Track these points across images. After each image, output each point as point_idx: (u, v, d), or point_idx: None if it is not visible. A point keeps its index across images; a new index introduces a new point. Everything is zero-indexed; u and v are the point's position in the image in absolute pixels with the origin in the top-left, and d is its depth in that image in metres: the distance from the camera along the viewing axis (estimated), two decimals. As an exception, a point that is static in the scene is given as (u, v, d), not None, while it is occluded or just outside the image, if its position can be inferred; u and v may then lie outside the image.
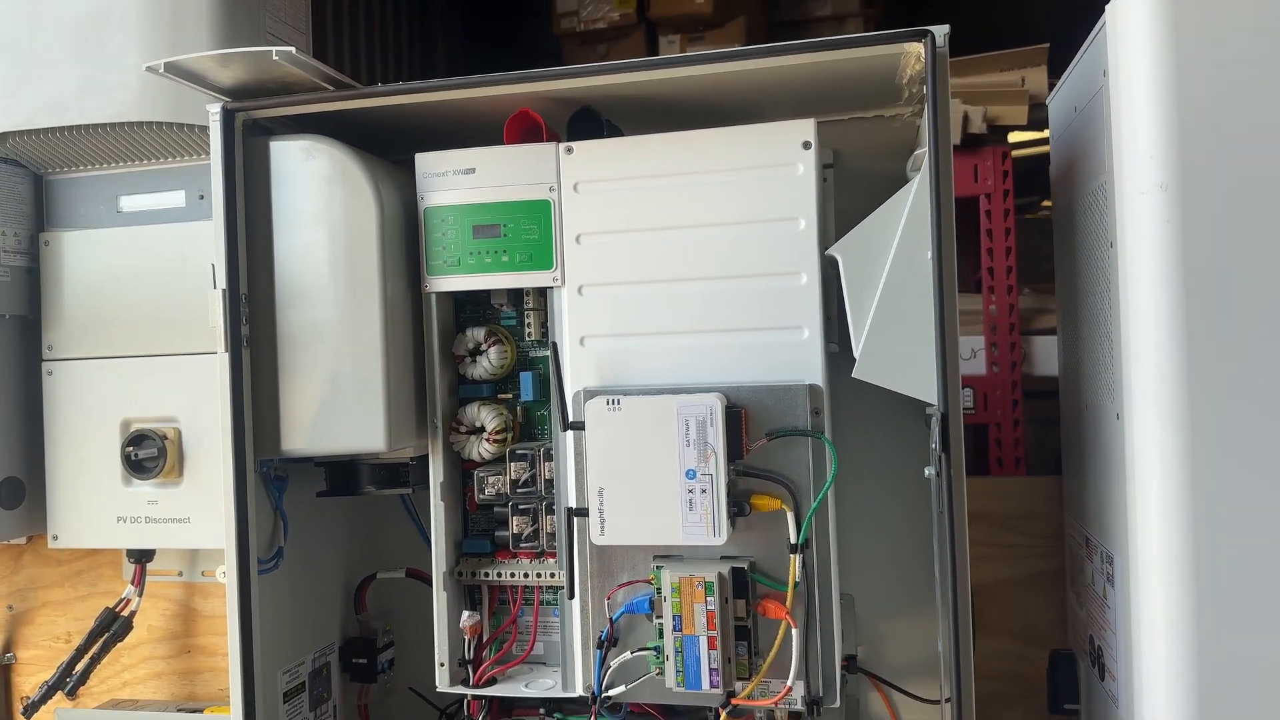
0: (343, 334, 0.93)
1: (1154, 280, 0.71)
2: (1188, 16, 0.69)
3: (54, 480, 1.19)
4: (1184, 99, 0.70)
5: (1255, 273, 0.69)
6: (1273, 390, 0.69)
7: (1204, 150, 0.69)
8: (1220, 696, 0.70)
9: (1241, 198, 0.69)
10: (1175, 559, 0.71)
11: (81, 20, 1.10)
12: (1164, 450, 0.71)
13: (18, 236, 1.19)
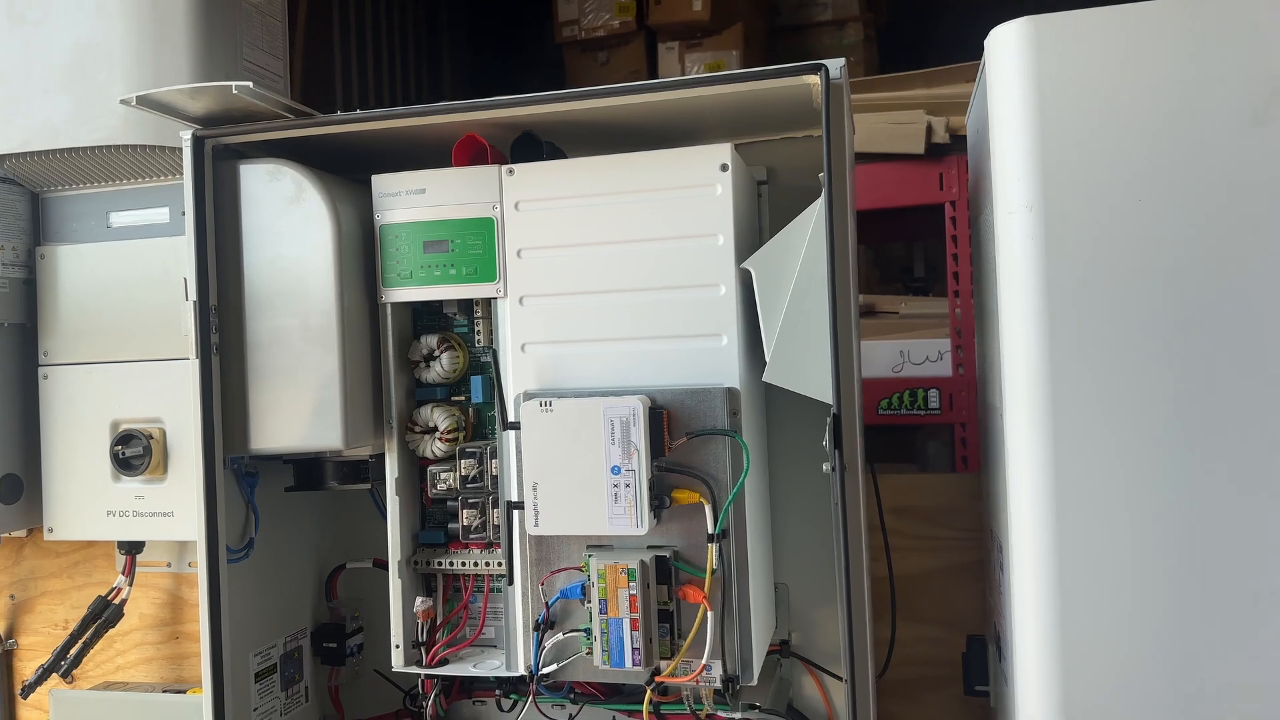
0: (304, 341, 1.02)
1: (1021, 290, 0.79)
2: (1048, 53, 0.77)
3: (49, 477, 1.29)
4: (1045, 128, 0.77)
5: (1109, 284, 0.76)
6: (1126, 388, 0.76)
7: (1063, 175, 0.77)
8: (1081, 673, 0.77)
9: (1096, 218, 0.76)
10: (1037, 545, 0.78)
11: (71, 52, 1.19)
12: (1029, 444, 0.78)
13: (16, 250, 1.28)
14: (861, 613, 0.86)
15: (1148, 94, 0.75)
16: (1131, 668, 0.76)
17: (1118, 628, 0.76)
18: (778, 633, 1.12)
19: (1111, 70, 0.76)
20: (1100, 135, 0.76)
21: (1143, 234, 0.75)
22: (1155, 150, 0.74)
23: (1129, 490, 0.76)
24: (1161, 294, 0.75)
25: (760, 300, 0.94)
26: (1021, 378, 0.79)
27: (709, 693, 0.99)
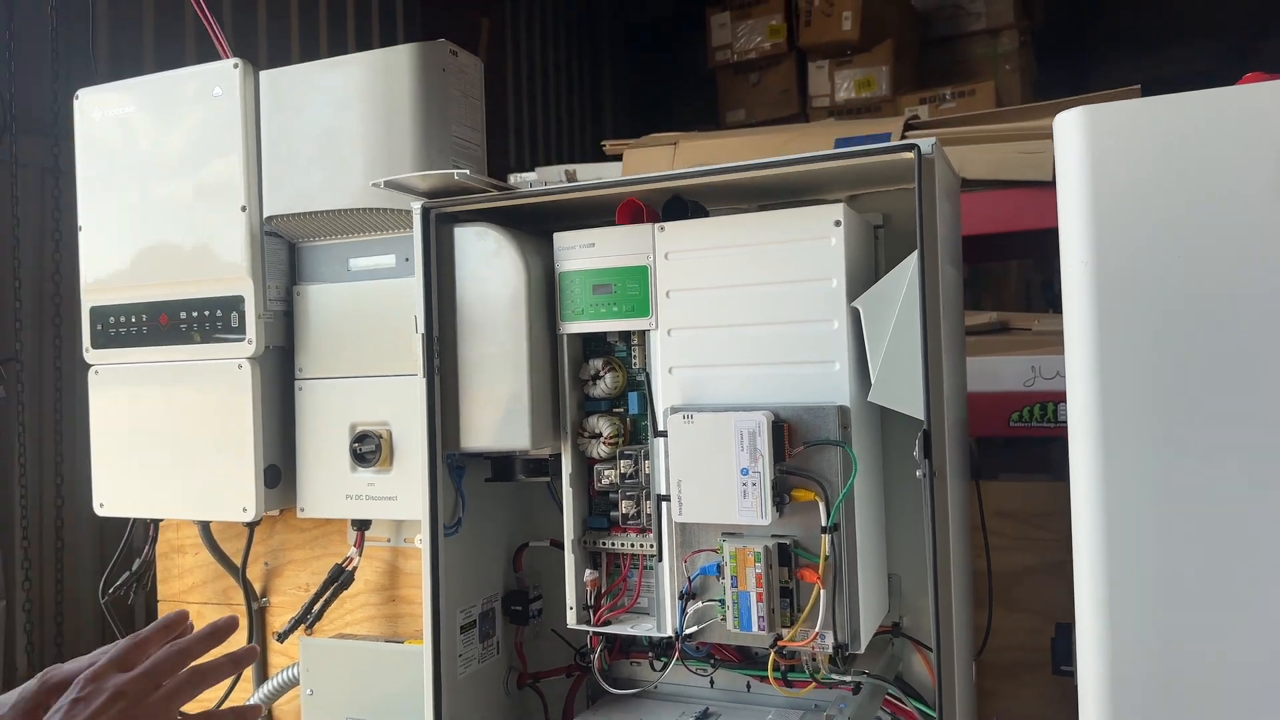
0: (501, 363, 1.29)
1: (1080, 322, 0.95)
2: (1102, 135, 0.93)
3: (302, 467, 1.63)
4: (1099, 201, 0.93)
5: (1151, 325, 0.91)
6: (1165, 409, 0.91)
7: (1113, 237, 0.92)
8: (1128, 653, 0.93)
9: (1141, 272, 0.92)
10: (1092, 543, 0.94)
11: (321, 136, 1.53)
12: (1084, 456, 0.94)
13: (278, 289, 1.64)
14: (948, 596, 1.03)
15: (1185, 170, 0.89)
16: (1171, 648, 0.91)
17: (1158, 613, 0.91)
18: (890, 615, 1.30)
19: (1155, 150, 0.91)
20: (1145, 205, 0.91)
21: (1180, 286, 0.90)
22: (1190, 217, 0.89)
23: (1167, 499, 0.91)
24: (1194, 333, 0.90)
25: (867, 333, 1.13)
26: (1079, 399, 0.95)
27: (824, 658, 1.19)
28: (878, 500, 1.26)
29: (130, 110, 1.64)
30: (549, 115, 5.01)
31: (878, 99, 4.07)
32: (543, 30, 4.98)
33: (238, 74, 1.56)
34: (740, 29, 4.54)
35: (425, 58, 1.49)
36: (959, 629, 1.12)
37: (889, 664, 1.27)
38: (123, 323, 1.66)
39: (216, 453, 1.60)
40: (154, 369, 1.65)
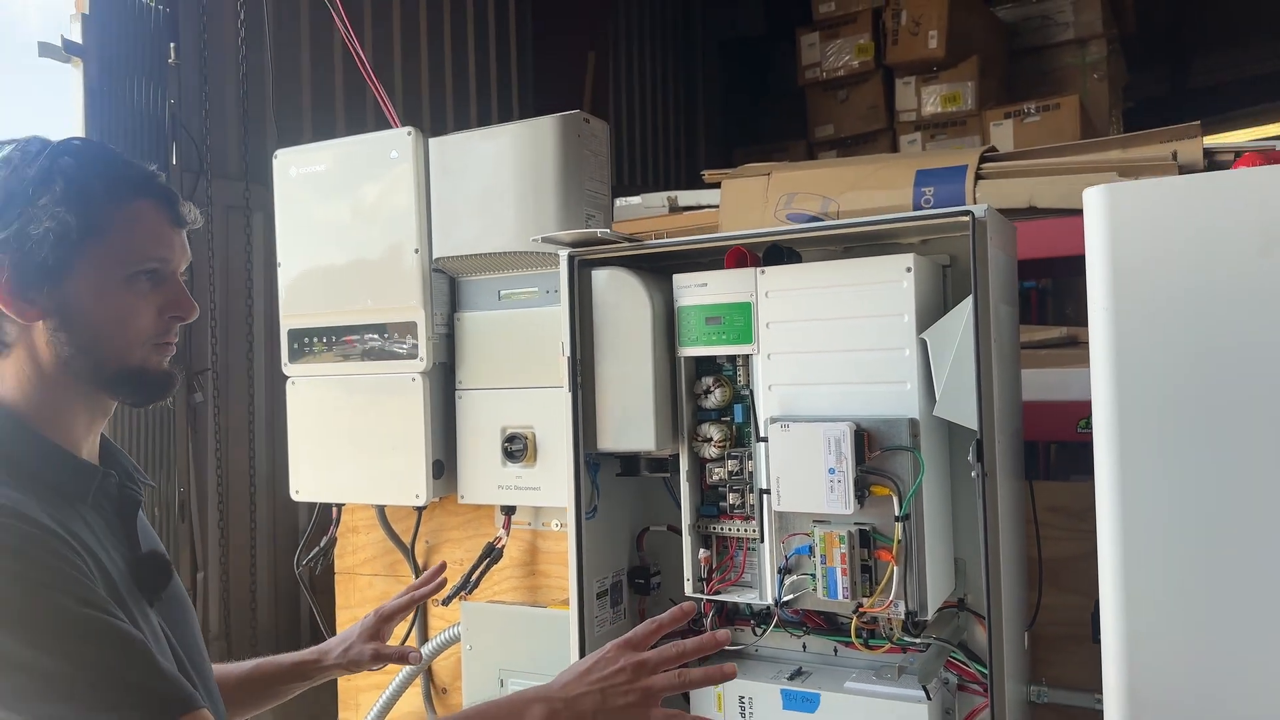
0: (630, 379, 1.59)
1: (1102, 346, 1.19)
2: (1120, 208, 1.17)
3: (461, 462, 1.97)
4: (1116, 260, 1.17)
5: (1159, 353, 1.15)
6: (1173, 425, 1.15)
7: (1128, 286, 1.17)
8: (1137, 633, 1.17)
9: (1151, 314, 1.16)
10: (1111, 534, 1.18)
11: (479, 192, 1.86)
12: (1105, 462, 1.19)
13: (442, 316, 1.98)
14: (997, 576, 1.29)
15: (1187, 234, 1.13)
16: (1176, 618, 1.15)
17: (1167, 599, 1.15)
18: (956, 592, 1.55)
19: (1164, 219, 1.15)
20: (1154, 260, 1.15)
21: (1183, 327, 1.14)
22: (1192, 270, 1.13)
23: (1169, 496, 1.15)
24: (1196, 364, 1.13)
25: (933, 360, 1.39)
26: (1101, 412, 1.20)
27: (898, 623, 1.45)
28: (944, 496, 1.52)
29: (322, 169, 2.01)
30: (647, 134, 5.32)
31: (963, 113, 4.24)
32: (641, 55, 5.29)
33: (411, 140, 1.91)
34: (829, 48, 4.75)
35: (565, 126, 1.80)
36: (1010, 604, 1.37)
37: (954, 632, 1.52)
38: (315, 342, 2.03)
39: (393, 449, 1.96)
40: (341, 380, 2.02)
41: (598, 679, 1.06)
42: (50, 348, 1.00)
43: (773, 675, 1.61)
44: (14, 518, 0.90)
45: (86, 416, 1.06)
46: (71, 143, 1.03)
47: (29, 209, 0.97)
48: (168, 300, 1.06)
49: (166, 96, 2.44)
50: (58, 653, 0.86)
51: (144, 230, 1.03)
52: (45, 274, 0.98)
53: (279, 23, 2.77)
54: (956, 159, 2.37)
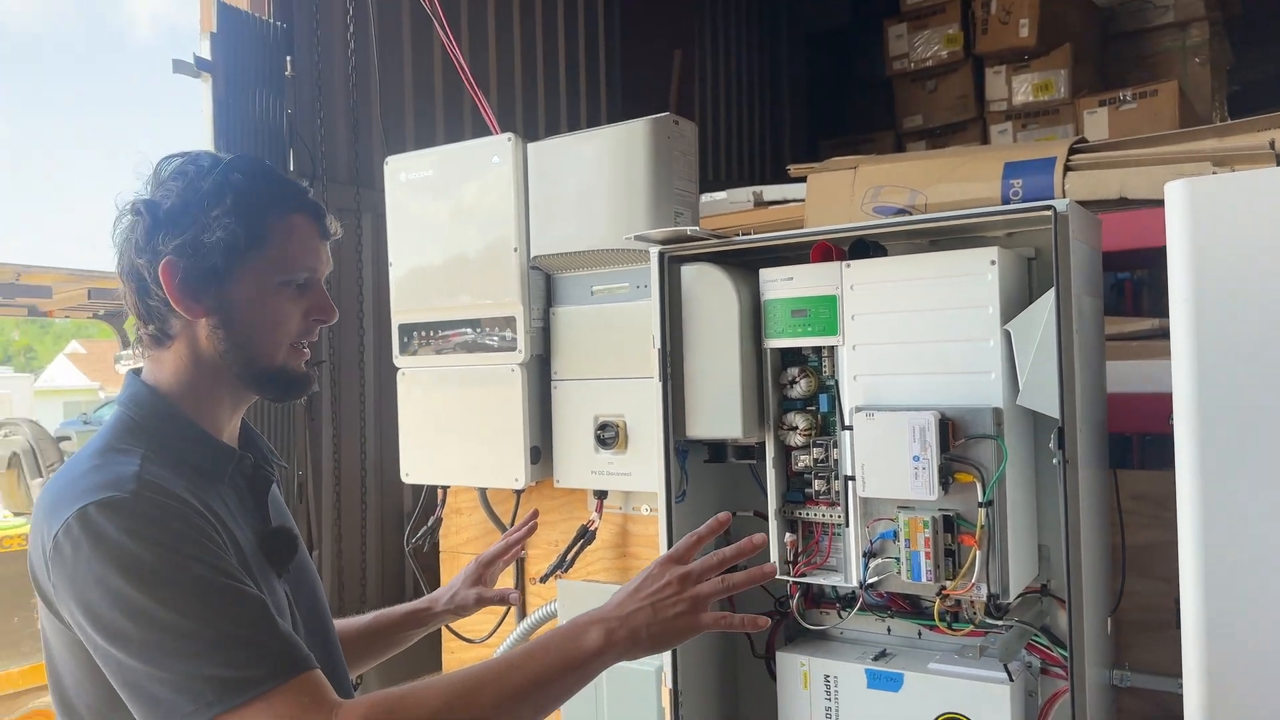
0: (718, 370, 1.66)
1: (1183, 339, 1.21)
2: (1200, 201, 1.19)
3: (557, 448, 2.08)
4: (1197, 254, 1.19)
5: (1237, 343, 1.17)
6: (1254, 416, 1.17)
7: (1208, 276, 1.19)
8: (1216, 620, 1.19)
9: (1231, 309, 1.18)
10: (1188, 524, 1.21)
11: (575, 194, 1.96)
12: (1184, 454, 1.21)
13: (539, 310, 2.09)
14: (1078, 561, 1.32)
15: (1272, 228, 1.15)
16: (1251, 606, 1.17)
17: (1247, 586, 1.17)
18: (1039, 578, 1.58)
19: (1248, 212, 1.17)
20: (1237, 254, 1.17)
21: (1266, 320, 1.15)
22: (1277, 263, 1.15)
23: (1253, 489, 1.17)
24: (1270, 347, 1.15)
25: (1016, 350, 1.42)
26: (1182, 406, 1.22)
27: (980, 606, 1.49)
28: (1027, 484, 1.55)
29: (429, 174, 2.14)
30: (732, 129, 5.37)
31: (1056, 102, 4.16)
32: (726, 51, 5.34)
33: (511, 145, 2.02)
34: (917, 39, 4.71)
35: (655, 129, 1.89)
36: (1091, 589, 1.40)
37: (1037, 616, 1.55)
38: (424, 336, 2.16)
39: (494, 436, 2.08)
40: (447, 371, 2.15)
41: (647, 594, 1.12)
42: (209, 343, 1.13)
43: (857, 656, 1.67)
44: (159, 492, 1.02)
45: (230, 406, 1.19)
46: (240, 160, 1.16)
47: (203, 218, 1.10)
48: (313, 305, 1.18)
49: (284, 107, 2.63)
50: (193, 614, 0.97)
51: (297, 242, 1.16)
52: (213, 277, 1.11)
53: (383, 36, 2.93)
54: (1045, 151, 2.36)
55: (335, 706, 0.98)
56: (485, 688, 1.03)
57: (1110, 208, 2.22)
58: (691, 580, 1.13)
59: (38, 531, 1.04)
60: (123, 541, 0.97)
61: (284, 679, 0.97)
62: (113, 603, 0.95)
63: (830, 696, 1.65)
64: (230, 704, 0.94)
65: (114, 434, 1.10)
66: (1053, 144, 2.40)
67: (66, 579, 0.98)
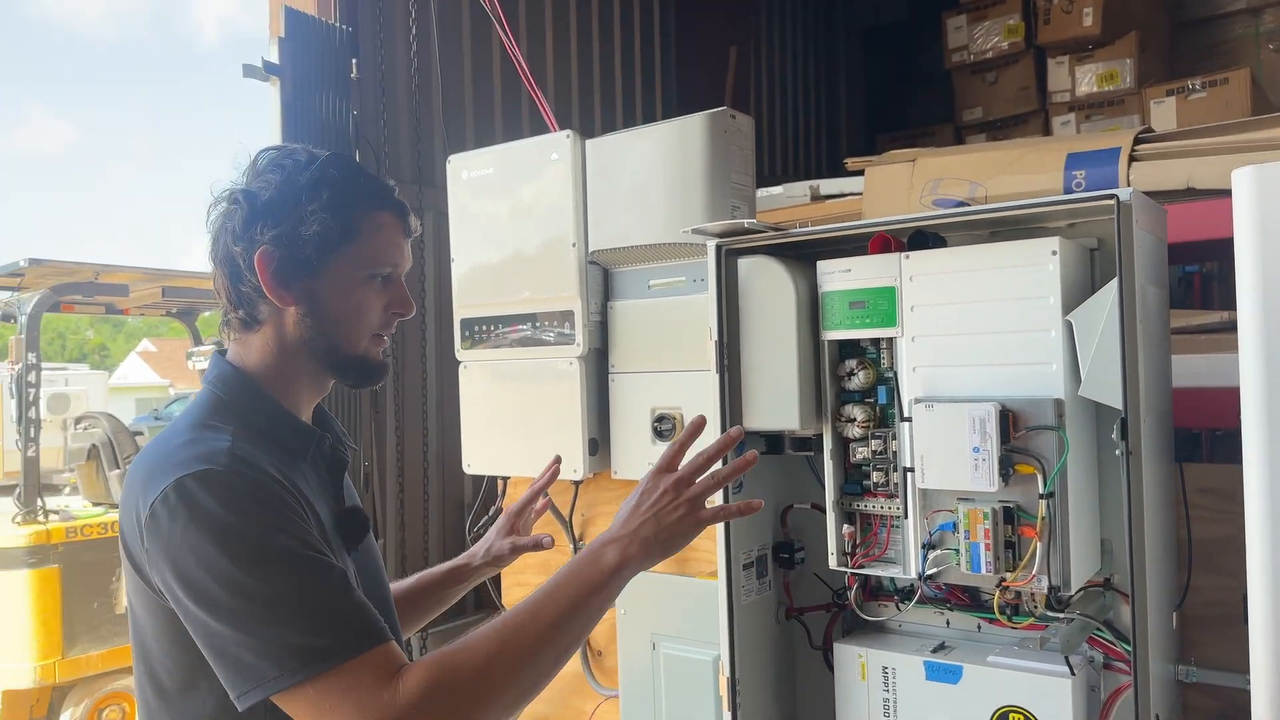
0: (775, 362, 1.67)
1: (1250, 331, 1.20)
2: (1268, 187, 1.17)
3: (615, 439, 2.11)
4: (1265, 240, 1.17)
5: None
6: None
7: (1270, 264, 1.17)
8: None
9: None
10: (1256, 518, 1.19)
11: (632, 188, 1.98)
12: (1252, 447, 1.19)
13: (596, 304, 2.12)
14: (1141, 554, 1.31)
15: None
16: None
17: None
18: (1102, 572, 1.56)
19: (1319, 197, 1.14)
20: (1310, 240, 1.15)
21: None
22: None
23: (1333, 476, 1.14)
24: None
25: (1078, 341, 1.41)
26: (1249, 399, 1.20)
27: (1041, 598, 1.48)
28: (1090, 476, 1.53)
29: (490, 171, 2.18)
30: (788, 124, 5.35)
31: (1121, 92, 4.07)
32: (783, 46, 5.32)
33: (569, 142, 2.06)
34: (976, 30, 4.65)
35: (712, 123, 1.90)
36: (1156, 583, 1.39)
37: (1100, 610, 1.54)
38: (485, 330, 2.21)
39: (553, 428, 2.12)
40: (508, 364, 2.20)
41: (648, 507, 1.22)
42: (296, 330, 1.19)
43: (916, 648, 1.67)
44: (248, 466, 1.08)
45: (310, 390, 1.25)
46: (335, 157, 1.21)
47: (299, 211, 1.15)
48: (394, 299, 1.24)
49: (350, 108, 2.70)
50: (280, 584, 1.02)
51: (384, 238, 1.21)
52: (305, 268, 1.16)
53: (444, 37, 2.99)
54: (1109, 141, 2.32)
55: (408, 677, 1.02)
56: (524, 627, 1.10)
57: (1178, 199, 2.17)
58: (685, 484, 1.23)
59: (131, 502, 1.09)
60: (217, 512, 1.02)
61: (361, 650, 1.02)
62: (206, 570, 1.01)
63: (888, 688, 1.66)
64: (311, 672, 0.99)
65: (204, 411, 1.16)
66: (1117, 134, 2.36)
67: (161, 546, 1.03)
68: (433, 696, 1.01)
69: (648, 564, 1.20)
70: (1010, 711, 1.52)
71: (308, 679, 0.99)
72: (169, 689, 1.10)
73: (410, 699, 1.00)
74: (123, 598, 4.40)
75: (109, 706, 4.47)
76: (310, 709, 1.00)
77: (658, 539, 1.19)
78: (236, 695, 1.01)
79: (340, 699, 0.99)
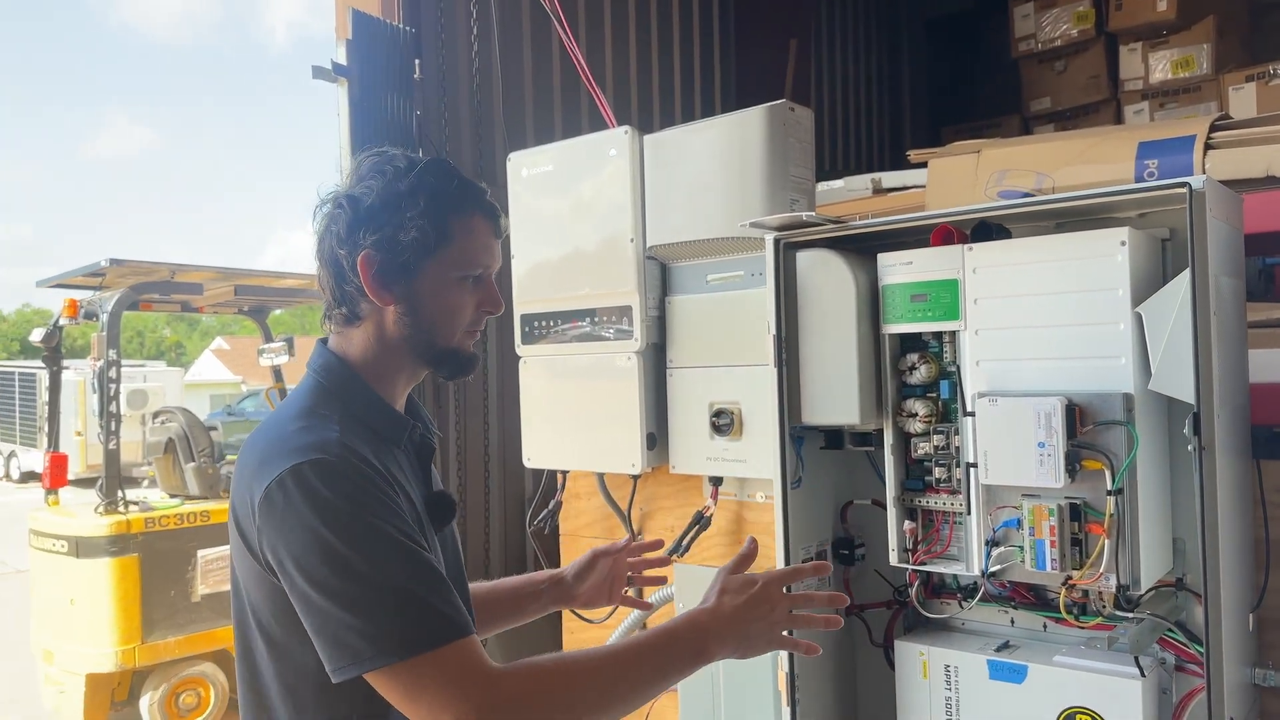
0: (834, 356, 1.66)
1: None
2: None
3: (673, 434, 2.11)
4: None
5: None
6: None
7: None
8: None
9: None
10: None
11: (688, 184, 1.99)
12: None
13: (654, 299, 2.13)
14: (1215, 552, 1.27)
15: None
16: None
17: None
18: (1174, 572, 1.51)
19: None
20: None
21: None
22: None
23: None
24: None
25: (1149, 334, 1.37)
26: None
27: (1109, 597, 1.45)
28: (1160, 472, 1.49)
29: (549, 168, 2.21)
30: (849, 117, 5.29)
31: (1198, 79, 3.93)
32: (844, 38, 5.26)
33: (628, 138, 2.07)
34: (1044, 18, 4.53)
35: (771, 116, 1.90)
36: (1231, 584, 1.34)
37: (1171, 610, 1.49)
38: (545, 325, 2.24)
39: (611, 422, 2.13)
40: (567, 360, 2.22)
41: (761, 617, 1.24)
42: (395, 327, 1.24)
43: (979, 646, 1.64)
44: (358, 458, 1.13)
45: (405, 381, 1.30)
46: (433, 164, 1.25)
47: (399, 217, 1.20)
48: (484, 297, 1.28)
49: (413, 108, 2.75)
50: (385, 570, 1.07)
51: (477, 241, 1.25)
52: (405, 271, 1.21)
53: (504, 36, 3.03)
54: (1183, 129, 2.25)
55: (496, 673, 1.07)
56: (624, 674, 1.15)
57: (1256, 187, 2.09)
58: (790, 606, 1.26)
59: (245, 482, 1.16)
60: (329, 497, 1.08)
61: (449, 639, 1.07)
62: (317, 551, 1.06)
63: (950, 687, 1.63)
64: (403, 656, 1.04)
65: (312, 398, 1.22)
66: (1192, 121, 2.28)
67: (275, 526, 1.09)
68: (524, 703, 1.06)
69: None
70: (1077, 712, 1.49)
71: (401, 660, 1.04)
72: (278, 641, 1.16)
73: (503, 702, 1.05)
74: (199, 586, 4.56)
75: (186, 691, 4.64)
76: (401, 691, 1.06)
77: (753, 647, 1.23)
78: (332, 670, 1.07)
79: (428, 684, 1.05)
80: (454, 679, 1.05)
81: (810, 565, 1.33)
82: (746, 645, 1.22)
